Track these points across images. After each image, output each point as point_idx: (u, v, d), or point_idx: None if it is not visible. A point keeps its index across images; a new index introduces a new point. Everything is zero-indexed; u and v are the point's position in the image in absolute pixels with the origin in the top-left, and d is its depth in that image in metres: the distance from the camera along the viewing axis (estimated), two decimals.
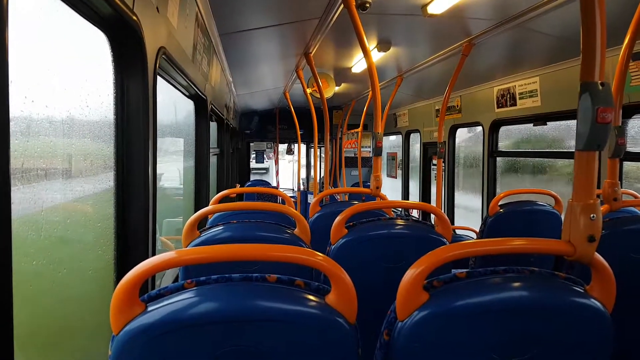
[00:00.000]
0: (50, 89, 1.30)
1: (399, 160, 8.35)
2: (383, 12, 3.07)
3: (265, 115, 9.77)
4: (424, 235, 1.99)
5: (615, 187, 2.05)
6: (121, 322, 0.97)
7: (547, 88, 3.95)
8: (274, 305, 1.02)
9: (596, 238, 1.16)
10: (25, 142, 1.16)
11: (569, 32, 3.04)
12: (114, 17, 1.45)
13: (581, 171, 1.20)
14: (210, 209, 2.16)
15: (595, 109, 1.14)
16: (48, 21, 1.30)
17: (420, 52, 4.31)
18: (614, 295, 1.13)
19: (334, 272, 1.05)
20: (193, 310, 0.99)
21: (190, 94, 3.42)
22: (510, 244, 1.23)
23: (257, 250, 1.12)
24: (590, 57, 1.16)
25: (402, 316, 1.08)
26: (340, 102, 8.50)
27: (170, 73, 2.47)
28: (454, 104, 5.58)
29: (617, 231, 1.84)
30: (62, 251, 1.47)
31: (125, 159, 1.70)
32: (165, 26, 1.99)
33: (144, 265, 1.01)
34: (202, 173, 3.80)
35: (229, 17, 3.19)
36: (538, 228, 3.00)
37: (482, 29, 3.31)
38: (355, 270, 1.16)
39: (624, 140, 2.12)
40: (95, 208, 1.70)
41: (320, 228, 2.65)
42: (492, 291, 1.11)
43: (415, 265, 1.10)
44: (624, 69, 2.11)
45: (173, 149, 3.59)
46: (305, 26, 3.42)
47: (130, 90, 1.68)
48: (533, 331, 1.07)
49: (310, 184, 10.34)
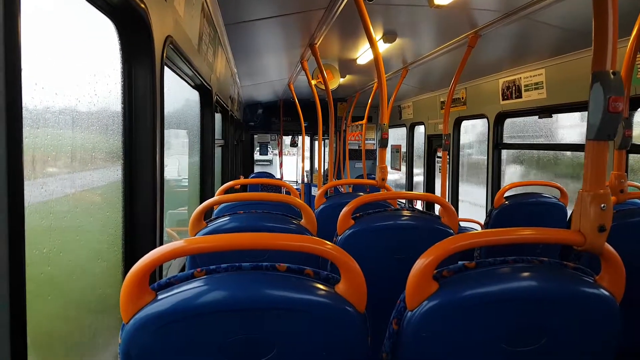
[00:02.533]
0: (59, 77, 1.30)
1: (403, 153, 8.34)
2: (389, 2, 3.05)
3: (269, 107, 9.75)
4: (431, 226, 1.99)
5: (622, 179, 2.05)
6: (131, 311, 0.97)
7: (553, 80, 3.93)
8: (284, 294, 1.02)
9: (607, 228, 1.16)
10: (36, 129, 1.16)
11: (576, 23, 3.02)
12: (122, 4, 1.45)
13: (592, 161, 1.20)
14: (217, 199, 2.17)
15: (607, 99, 1.14)
16: (57, 9, 1.30)
17: (426, 44, 4.29)
18: (623, 286, 1.14)
19: (343, 261, 1.05)
20: (203, 298, 0.99)
21: (195, 85, 3.41)
22: (520, 234, 1.23)
23: (267, 239, 1.12)
24: (602, 46, 1.15)
25: (412, 306, 1.09)
26: (345, 94, 8.47)
27: (176, 63, 2.46)
28: (459, 96, 5.55)
29: (624, 223, 1.84)
30: (71, 240, 1.48)
31: (133, 148, 1.70)
32: (172, 15, 1.99)
33: (154, 253, 1.01)
34: (208, 164, 3.80)
35: (234, 7, 3.17)
36: (543, 220, 3.00)
37: (489, 21, 3.28)
38: (363, 260, 1.17)
39: (631, 132, 2.12)
40: (104, 198, 1.70)
41: (326, 219, 2.65)
42: (502, 281, 1.11)
43: (425, 255, 1.10)
44: (632, 60, 2.10)
45: (175, 142, 3.59)
46: (310, 17, 3.40)
47: (138, 79, 1.67)
48: (542, 321, 1.08)
49: (314, 177, 10.33)
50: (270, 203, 2.65)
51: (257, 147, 12.26)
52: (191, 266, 1.87)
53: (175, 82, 2.87)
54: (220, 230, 1.90)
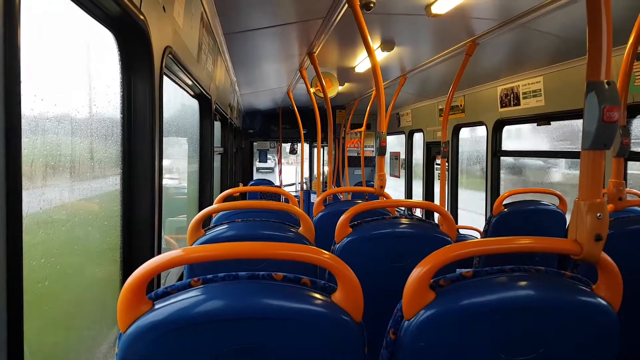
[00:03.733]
0: (59, 87, 1.31)
1: (402, 160, 8.36)
2: (387, 12, 3.07)
3: (268, 114, 9.78)
4: (429, 234, 1.99)
5: (620, 187, 2.06)
6: (128, 320, 0.97)
7: (551, 88, 3.95)
8: (280, 303, 1.02)
9: (603, 237, 1.17)
10: (34, 140, 1.17)
11: (573, 32, 3.04)
12: (121, 16, 1.46)
13: (588, 170, 1.20)
14: (215, 207, 2.17)
15: (601, 108, 1.14)
16: (57, 20, 1.31)
17: (423, 52, 4.31)
18: (620, 295, 1.13)
19: (340, 270, 1.05)
20: (200, 308, 0.99)
21: (195, 94, 3.43)
22: (517, 243, 1.23)
23: (264, 248, 1.13)
24: (597, 56, 1.16)
25: (409, 315, 1.08)
26: (344, 101, 8.50)
27: (175, 72, 2.48)
28: (458, 104, 5.57)
29: (622, 231, 1.84)
30: (69, 249, 1.48)
31: (132, 157, 1.71)
32: (172, 26, 2.00)
33: (152, 263, 1.02)
34: (206, 172, 3.81)
35: (233, 17, 3.20)
36: (542, 228, 3.00)
37: (486, 29, 3.30)
38: (360, 268, 1.17)
39: (628, 140, 2.13)
40: (102, 206, 1.71)
41: (324, 227, 2.65)
42: (499, 290, 1.11)
43: (421, 264, 1.10)
44: (629, 68, 2.11)
45: (174, 149, 3.60)
46: (309, 26, 3.42)
47: (137, 89, 1.69)
48: (540, 330, 1.07)
49: (313, 183, 10.34)
50: (269, 211, 2.65)
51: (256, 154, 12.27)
52: (189, 274, 1.87)
53: (174, 89, 2.89)
54: (218, 239, 1.90)
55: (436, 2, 2.82)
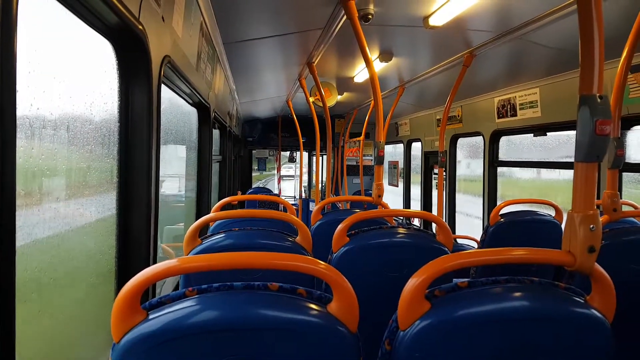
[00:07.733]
0: (56, 96, 1.31)
1: (400, 169, 8.37)
2: (385, 23, 3.10)
3: (267, 123, 9.81)
4: (426, 244, 1.99)
5: (615, 198, 2.06)
6: (122, 330, 0.96)
7: (548, 99, 3.97)
8: (275, 313, 1.02)
9: (596, 249, 1.17)
10: (30, 149, 1.17)
11: (569, 44, 3.07)
12: (119, 26, 1.47)
13: (580, 182, 1.21)
14: (212, 216, 2.17)
15: (594, 121, 1.16)
16: (55, 29, 1.32)
17: (421, 63, 4.34)
18: (614, 306, 1.14)
19: (336, 280, 1.05)
20: (195, 318, 0.99)
21: (193, 102, 3.44)
22: (511, 254, 1.23)
23: (259, 258, 1.13)
24: (589, 70, 1.17)
25: (404, 326, 1.08)
26: (343, 110, 8.54)
27: (174, 81, 2.49)
28: (455, 114, 5.60)
29: (617, 242, 1.85)
30: (63, 258, 1.47)
31: (129, 166, 1.71)
32: (170, 35, 2.02)
33: (146, 272, 1.01)
34: (204, 180, 3.81)
35: (233, 27, 3.22)
36: (539, 238, 3.00)
37: (483, 41, 3.33)
38: (357, 278, 1.17)
39: (623, 152, 2.14)
40: (98, 214, 1.71)
41: (322, 236, 2.65)
42: (494, 301, 1.11)
43: (416, 275, 1.11)
44: (623, 80, 2.13)
45: (172, 157, 3.61)
46: (308, 36, 3.45)
47: (135, 98, 1.69)
48: (534, 341, 1.08)
49: (312, 192, 10.33)
50: (266, 219, 2.65)
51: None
52: (185, 284, 1.87)
53: (173, 97, 2.90)
54: (215, 248, 1.90)
55: (434, 14, 2.85)
